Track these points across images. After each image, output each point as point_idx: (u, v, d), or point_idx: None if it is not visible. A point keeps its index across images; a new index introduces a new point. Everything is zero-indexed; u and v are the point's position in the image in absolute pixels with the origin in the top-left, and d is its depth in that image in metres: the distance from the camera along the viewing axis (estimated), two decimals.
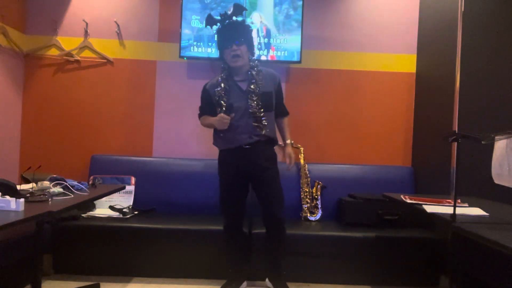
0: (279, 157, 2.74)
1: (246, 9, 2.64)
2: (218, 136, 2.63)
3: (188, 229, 2.88)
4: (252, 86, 2.53)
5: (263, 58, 3.45)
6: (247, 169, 2.55)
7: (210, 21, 2.58)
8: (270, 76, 2.63)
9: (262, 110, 2.52)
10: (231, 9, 2.57)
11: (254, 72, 2.56)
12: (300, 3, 3.45)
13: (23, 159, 3.54)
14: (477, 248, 2.41)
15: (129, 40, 3.60)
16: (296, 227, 2.99)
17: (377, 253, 2.87)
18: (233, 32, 2.52)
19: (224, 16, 2.56)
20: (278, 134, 2.76)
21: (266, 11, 3.46)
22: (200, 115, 2.73)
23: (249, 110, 2.51)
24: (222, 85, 2.53)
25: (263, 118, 2.51)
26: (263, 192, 2.60)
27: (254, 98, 2.51)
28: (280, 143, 2.76)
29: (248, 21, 3.37)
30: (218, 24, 2.57)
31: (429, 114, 3.34)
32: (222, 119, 2.48)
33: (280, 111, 2.74)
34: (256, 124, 2.52)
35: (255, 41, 3.38)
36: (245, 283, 2.72)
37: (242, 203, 2.63)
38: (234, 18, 2.56)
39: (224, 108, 2.50)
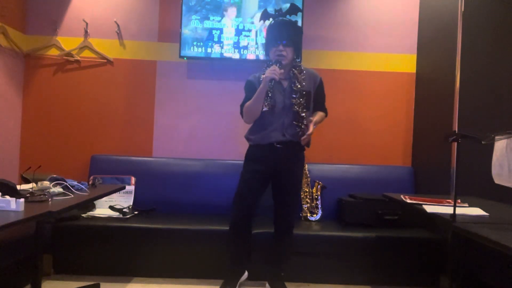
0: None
1: (301, 10, 2.62)
2: (253, 129, 2.62)
3: (188, 229, 2.88)
4: (296, 85, 2.53)
5: (261, 57, 3.45)
6: (273, 167, 2.54)
7: (265, 15, 2.61)
8: (311, 76, 2.63)
9: (304, 110, 2.51)
10: (287, 8, 2.58)
11: (296, 71, 2.56)
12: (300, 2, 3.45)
13: (23, 159, 3.54)
14: (477, 248, 2.41)
15: (129, 40, 3.60)
16: (296, 227, 2.97)
17: (377, 253, 2.87)
18: (282, 31, 2.52)
19: (279, 12, 2.56)
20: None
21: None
22: (242, 106, 2.62)
23: (289, 108, 2.51)
24: (273, 82, 2.47)
25: (304, 118, 2.50)
26: (283, 195, 2.59)
27: (297, 97, 2.52)
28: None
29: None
30: (271, 19, 2.58)
31: (429, 114, 3.34)
32: (273, 69, 2.43)
33: (319, 109, 2.72)
34: (296, 122, 2.51)
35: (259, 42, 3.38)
36: (245, 274, 2.72)
37: (255, 201, 2.59)
38: (288, 16, 2.55)
39: (268, 102, 2.48)
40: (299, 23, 3.45)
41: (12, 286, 2.50)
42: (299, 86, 2.53)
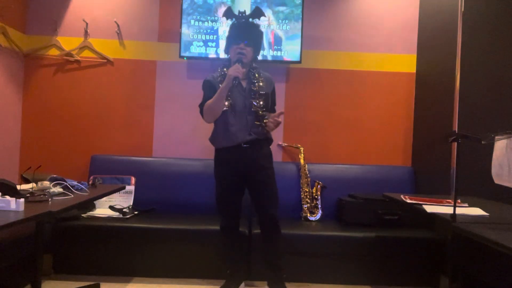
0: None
1: (264, 15, 2.67)
2: (217, 132, 2.63)
3: (188, 229, 2.88)
4: (256, 86, 2.57)
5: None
6: (245, 168, 2.55)
7: (228, 13, 2.64)
8: (267, 79, 2.67)
9: (264, 109, 2.55)
10: (252, 11, 2.63)
11: (255, 73, 2.60)
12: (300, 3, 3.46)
13: (23, 159, 3.54)
14: (477, 248, 2.41)
15: (129, 40, 3.60)
16: (296, 227, 2.99)
17: (377, 253, 2.87)
18: (245, 31, 2.56)
19: (242, 14, 2.59)
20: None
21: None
22: (202, 106, 2.64)
23: (250, 108, 2.54)
24: (236, 80, 2.50)
25: (265, 117, 2.53)
26: (259, 191, 2.60)
27: (257, 97, 2.55)
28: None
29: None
30: (234, 19, 2.62)
31: (429, 114, 3.34)
32: (237, 67, 2.45)
33: (273, 111, 2.74)
34: (258, 122, 2.54)
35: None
36: (243, 284, 2.72)
37: (239, 203, 2.64)
38: (250, 19, 2.61)
39: (228, 101, 2.51)
40: (299, 24, 3.46)
41: (12, 286, 2.49)
42: (256, 87, 2.57)
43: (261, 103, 2.55)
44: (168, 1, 3.59)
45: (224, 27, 3.46)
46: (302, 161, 3.42)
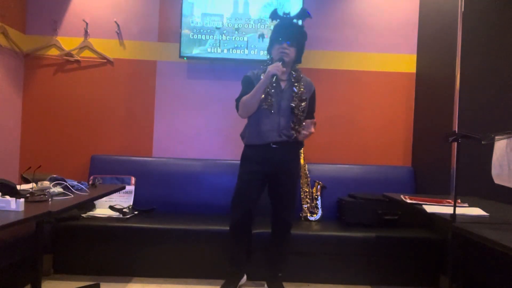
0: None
1: (310, 17, 2.66)
2: (248, 128, 2.63)
3: (188, 229, 2.88)
4: (297, 88, 2.56)
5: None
6: (270, 168, 2.54)
7: (273, 15, 2.63)
8: (308, 84, 2.66)
9: (303, 113, 2.55)
10: (297, 12, 2.63)
11: (297, 75, 2.61)
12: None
13: (23, 159, 3.54)
14: (477, 248, 2.41)
15: (129, 40, 3.60)
16: (296, 227, 2.98)
17: (377, 253, 2.87)
18: (288, 31, 2.56)
19: (287, 15, 2.61)
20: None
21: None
22: (238, 100, 2.62)
23: (284, 110, 2.53)
24: (275, 78, 2.49)
25: (303, 124, 2.51)
26: (280, 194, 2.60)
27: (297, 100, 2.54)
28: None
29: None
30: (278, 20, 2.62)
31: (429, 114, 3.34)
32: (277, 65, 2.46)
33: (310, 118, 2.70)
34: (293, 125, 2.53)
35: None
36: (244, 278, 2.72)
37: (255, 203, 2.60)
38: (294, 20, 2.61)
39: (268, 97, 2.51)
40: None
41: (12, 286, 2.50)
42: (297, 89, 2.56)
43: (303, 106, 2.54)
44: (168, 1, 3.59)
45: (228, 28, 3.46)
46: (302, 161, 3.42)
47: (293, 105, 2.53)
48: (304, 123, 2.51)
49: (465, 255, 2.42)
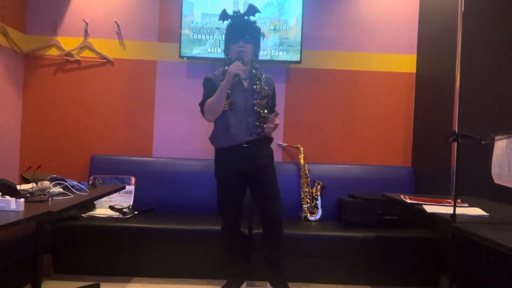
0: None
1: (259, 11, 2.66)
2: (217, 132, 2.62)
3: (188, 229, 2.88)
4: (257, 86, 2.56)
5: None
6: (246, 168, 2.55)
7: (223, 16, 2.63)
8: (268, 80, 2.66)
9: (266, 110, 2.54)
10: (246, 9, 2.62)
11: (257, 73, 2.60)
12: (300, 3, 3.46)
13: (23, 159, 3.54)
14: (477, 248, 2.41)
15: (129, 40, 3.60)
16: (296, 227, 2.99)
17: (377, 253, 2.87)
18: (242, 29, 2.56)
19: (237, 14, 2.60)
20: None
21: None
22: (202, 104, 2.62)
23: (251, 109, 2.53)
24: (237, 78, 2.49)
25: (267, 119, 2.52)
26: (261, 189, 2.59)
27: (259, 98, 2.54)
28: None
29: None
30: (229, 20, 2.61)
31: (429, 114, 3.34)
32: (237, 64, 2.45)
33: (271, 113, 2.72)
34: (258, 123, 2.53)
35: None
36: (245, 284, 2.72)
37: (240, 204, 2.63)
38: (246, 17, 2.60)
39: (229, 100, 2.50)
40: (299, 22, 3.46)
41: (12, 286, 2.49)
42: (258, 87, 2.56)
43: (264, 104, 2.54)
44: (168, 1, 3.59)
45: (224, 26, 3.46)
46: (302, 161, 3.42)
47: (255, 103, 2.53)
48: (268, 118, 2.52)
49: (465, 255, 2.42)
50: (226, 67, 2.53)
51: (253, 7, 2.64)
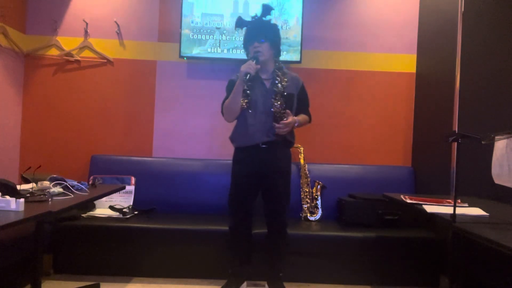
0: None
1: (273, 8, 2.66)
2: (236, 131, 2.63)
3: (188, 229, 2.88)
4: (277, 86, 2.55)
5: None
6: (261, 169, 2.55)
7: (239, 23, 2.63)
8: (294, 79, 2.65)
9: (284, 111, 2.53)
10: (260, 11, 2.62)
11: (279, 73, 2.59)
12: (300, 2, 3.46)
13: (23, 159, 3.54)
14: (477, 248, 2.41)
15: (129, 40, 3.60)
16: (296, 227, 2.98)
17: (377, 253, 2.87)
18: (257, 30, 2.57)
19: (254, 18, 2.61)
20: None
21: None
22: (222, 105, 2.63)
23: (271, 109, 2.52)
24: (248, 76, 2.49)
25: (284, 119, 2.50)
26: (273, 192, 2.59)
27: (278, 98, 2.53)
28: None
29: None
30: (245, 27, 2.63)
31: (429, 114, 3.34)
32: (249, 63, 2.46)
33: (304, 113, 2.70)
34: (275, 124, 2.52)
35: None
36: (245, 284, 2.72)
37: (250, 205, 2.62)
38: (263, 18, 2.60)
39: (247, 100, 2.51)
40: (299, 22, 3.46)
41: (12, 286, 2.50)
42: (280, 87, 2.55)
43: (280, 104, 2.52)
44: (168, 1, 3.59)
45: (228, 27, 3.46)
46: (302, 161, 3.42)
47: (275, 104, 2.52)
48: (285, 118, 2.50)
49: (465, 255, 2.42)
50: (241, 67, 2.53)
51: (267, 7, 2.63)
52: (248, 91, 2.52)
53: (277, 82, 2.56)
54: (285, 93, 2.55)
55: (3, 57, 3.28)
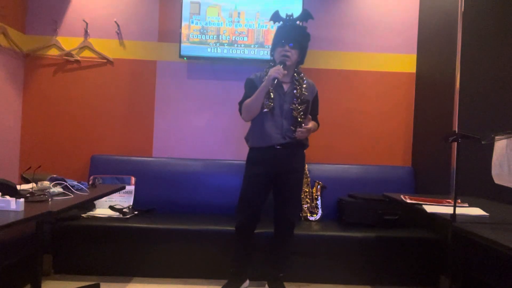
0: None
1: (312, 17, 2.65)
2: (252, 132, 2.63)
3: (188, 229, 2.88)
4: (299, 91, 2.56)
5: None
6: (276, 169, 2.55)
7: (275, 17, 2.63)
8: (310, 86, 2.66)
9: (303, 115, 2.54)
10: (299, 14, 2.62)
11: (299, 78, 2.60)
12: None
13: (23, 159, 3.54)
14: (477, 248, 2.41)
15: (129, 40, 3.60)
16: (296, 227, 2.97)
17: (377, 253, 2.87)
18: (291, 33, 2.56)
19: (290, 17, 2.60)
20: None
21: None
22: (241, 103, 2.63)
23: (287, 112, 2.54)
24: (276, 81, 2.48)
25: (304, 125, 2.52)
26: (284, 193, 2.60)
27: (298, 102, 2.55)
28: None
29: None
30: (281, 22, 2.61)
31: (429, 114, 3.34)
32: (278, 68, 2.45)
33: (313, 120, 2.72)
34: (293, 127, 2.53)
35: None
36: (245, 283, 2.72)
37: (259, 206, 2.61)
38: (297, 22, 2.60)
39: (269, 100, 2.51)
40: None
41: (12, 286, 2.50)
42: (298, 91, 2.56)
43: (302, 109, 2.54)
44: (168, 1, 3.59)
45: (228, 28, 3.46)
46: None
47: (292, 107, 2.54)
48: (303, 124, 2.53)
49: (465, 255, 2.42)
50: (269, 70, 2.52)
51: (307, 13, 2.63)
52: (271, 94, 2.53)
53: (297, 87, 2.57)
54: (304, 99, 2.57)
55: (3, 57, 3.28)
